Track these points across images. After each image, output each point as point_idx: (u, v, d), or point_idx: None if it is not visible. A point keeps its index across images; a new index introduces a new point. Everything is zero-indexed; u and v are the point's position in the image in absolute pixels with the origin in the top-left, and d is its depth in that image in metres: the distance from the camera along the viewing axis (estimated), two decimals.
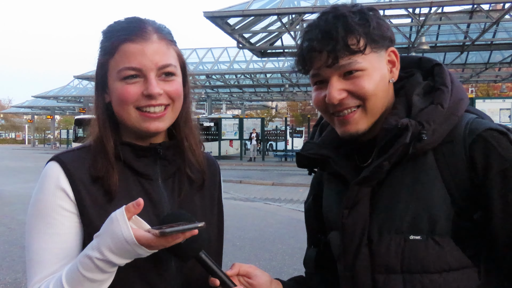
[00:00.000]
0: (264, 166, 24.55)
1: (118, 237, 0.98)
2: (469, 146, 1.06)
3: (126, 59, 1.12)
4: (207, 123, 29.70)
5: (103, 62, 1.17)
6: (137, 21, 1.17)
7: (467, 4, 14.39)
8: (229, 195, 13.53)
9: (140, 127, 1.15)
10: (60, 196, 1.11)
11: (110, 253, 0.99)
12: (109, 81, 1.17)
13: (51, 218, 1.10)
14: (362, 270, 1.12)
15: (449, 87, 1.13)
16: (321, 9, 6.17)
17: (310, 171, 1.35)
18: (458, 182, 1.06)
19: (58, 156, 1.16)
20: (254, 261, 6.34)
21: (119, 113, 1.17)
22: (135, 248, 0.98)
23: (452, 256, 1.05)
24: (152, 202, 1.18)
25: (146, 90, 1.12)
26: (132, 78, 1.12)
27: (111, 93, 1.17)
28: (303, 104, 62.32)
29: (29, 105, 53.32)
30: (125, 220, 0.98)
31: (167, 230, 0.96)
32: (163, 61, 1.14)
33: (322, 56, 1.09)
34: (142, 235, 0.98)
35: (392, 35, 1.15)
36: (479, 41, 18.74)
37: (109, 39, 1.16)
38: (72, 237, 1.11)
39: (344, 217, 1.15)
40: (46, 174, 1.14)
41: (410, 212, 1.07)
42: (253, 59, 28.76)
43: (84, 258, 1.01)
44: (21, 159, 31.20)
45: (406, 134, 1.05)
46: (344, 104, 1.11)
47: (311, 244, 1.42)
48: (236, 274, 1.18)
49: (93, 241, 1.03)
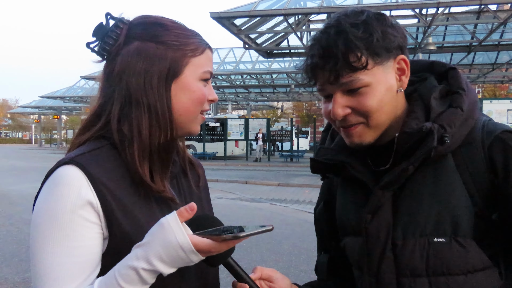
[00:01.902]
0: (270, 167, 24.56)
1: (171, 245, 0.92)
2: (488, 147, 1.07)
3: (209, 63, 1.18)
4: (213, 123, 29.74)
5: (182, 55, 1.13)
6: (196, 32, 1.23)
7: (474, 4, 14.32)
8: (235, 195, 13.54)
9: (192, 128, 1.18)
10: (82, 206, 1.00)
11: (160, 262, 0.93)
12: (187, 76, 1.14)
13: (71, 230, 0.99)
14: (387, 275, 1.12)
15: (466, 90, 1.13)
16: (327, 9, 6.18)
17: (323, 176, 1.35)
18: (478, 184, 1.07)
19: (75, 159, 1.03)
20: (261, 262, 6.35)
21: (188, 111, 1.15)
22: (191, 255, 0.93)
23: (475, 257, 1.06)
24: (166, 204, 1.15)
25: (211, 96, 1.18)
26: (206, 81, 1.18)
27: (182, 89, 1.13)
28: (309, 104, 62.26)
29: (36, 105, 53.57)
30: (179, 226, 0.93)
31: (240, 235, 0.93)
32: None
33: (324, 73, 1.09)
34: (200, 240, 0.94)
35: (403, 41, 1.12)
36: (486, 42, 18.64)
37: (191, 38, 1.16)
38: (93, 250, 1.02)
39: (367, 222, 1.15)
40: (63, 180, 1.01)
41: (433, 214, 1.08)
42: (259, 60, 28.73)
43: (127, 269, 0.93)
44: (28, 159, 31.36)
45: (432, 138, 1.05)
46: (347, 121, 1.12)
47: (322, 250, 1.42)
48: (259, 278, 1.19)
49: (134, 250, 0.95)
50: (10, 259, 6.49)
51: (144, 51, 1.11)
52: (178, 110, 1.13)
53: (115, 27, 1.14)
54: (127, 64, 1.10)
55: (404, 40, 1.13)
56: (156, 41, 1.12)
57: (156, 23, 1.15)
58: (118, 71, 1.11)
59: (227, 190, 14.48)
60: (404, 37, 1.14)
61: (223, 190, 14.28)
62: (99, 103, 1.15)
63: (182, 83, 1.13)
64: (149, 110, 1.10)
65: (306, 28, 17.47)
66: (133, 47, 1.11)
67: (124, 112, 1.10)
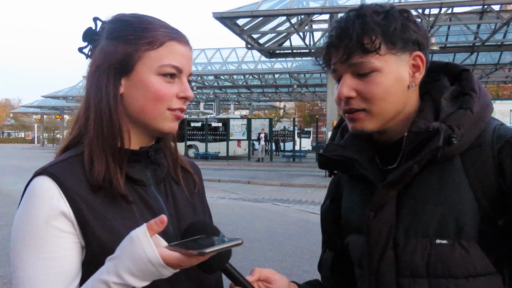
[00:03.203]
0: (272, 167, 24.56)
1: (140, 259, 0.89)
2: (497, 151, 1.06)
3: (172, 56, 1.08)
4: (215, 123, 29.78)
5: (135, 49, 1.07)
6: (169, 25, 1.15)
7: (477, 4, 14.32)
8: (238, 195, 13.55)
9: (160, 127, 1.10)
10: (55, 217, 0.98)
11: (130, 276, 0.90)
12: (140, 72, 1.07)
13: (45, 240, 0.97)
14: (387, 274, 1.11)
15: (477, 92, 1.12)
16: (330, 9, 6.21)
17: (330, 173, 1.35)
18: (485, 187, 1.06)
19: (46, 169, 1.02)
20: (264, 263, 6.35)
21: (142, 108, 1.08)
22: (160, 269, 0.91)
23: (478, 261, 1.04)
24: (151, 210, 1.11)
25: (183, 93, 1.10)
26: (170, 76, 1.09)
27: (136, 85, 1.08)
28: (311, 104, 62.28)
29: (39, 105, 53.76)
30: (148, 240, 0.90)
31: (206, 251, 0.90)
32: (191, 69, 1.15)
33: (338, 52, 1.10)
34: (169, 254, 0.91)
35: (423, 39, 1.12)
36: (489, 42, 18.63)
37: (149, 31, 1.09)
38: (70, 260, 1.00)
39: (369, 219, 1.14)
40: (35, 192, 1.00)
41: (436, 216, 1.07)
42: (262, 60, 28.80)
43: (98, 283, 0.91)
44: (30, 158, 31.41)
45: (438, 138, 1.04)
46: (350, 104, 1.12)
47: (327, 248, 1.42)
48: (257, 280, 1.18)
49: (107, 264, 0.93)
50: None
51: (101, 50, 1.09)
52: (133, 108, 1.09)
53: (100, 30, 1.14)
54: (89, 65, 1.11)
55: (425, 39, 1.13)
56: (111, 38, 1.09)
57: (117, 20, 1.13)
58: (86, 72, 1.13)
59: (230, 190, 14.47)
60: (426, 36, 1.13)
61: (225, 190, 14.27)
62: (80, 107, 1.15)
63: (135, 79, 1.08)
64: (96, 110, 1.07)
65: (308, 28, 17.49)
66: (98, 48, 1.11)
67: (86, 115, 1.10)
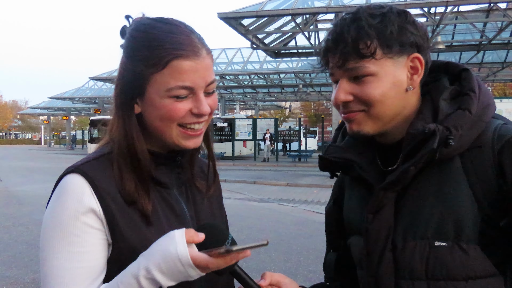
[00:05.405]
0: (278, 167, 24.55)
1: (170, 255, 0.93)
2: (497, 152, 1.04)
3: (179, 77, 1.03)
4: (221, 123, 29.82)
5: (143, 73, 1.05)
6: (184, 32, 1.07)
7: (483, 2, 14.24)
8: (244, 195, 13.56)
9: (179, 143, 1.10)
10: (85, 213, 1.02)
11: (159, 272, 0.94)
12: (150, 94, 1.06)
13: (74, 236, 1.01)
14: (386, 276, 1.11)
15: (476, 92, 1.11)
16: (335, 9, 6.20)
17: (332, 174, 1.34)
18: (486, 188, 1.04)
19: (79, 167, 1.06)
20: (269, 263, 6.35)
21: (158, 128, 1.09)
22: (188, 269, 0.94)
23: (478, 263, 1.03)
24: (174, 212, 1.14)
25: (197, 109, 1.07)
26: (182, 97, 1.06)
27: (149, 106, 1.08)
28: (317, 104, 62.23)
29: (45, 106, 54.13)
30: (182, 239, 0.94)
31: (233, 248, 0.93)
32: (211, 78, 1.09)
33: (335, 57, 1.10)
34: (198, 255, 0.94)
35: (422, 40, 1.10)
36: (496, 40, 18.52)
37: (153, 50, 1.04)
38: (97, 255, 1.04)
39: (368, 221, 1.14)
40: (67, 188, 1.04)
41: (435, 218, 1.06)
42: (267, 60, 28.79)
43: (128, 277, 0.96)
44: (37, 159, 31.56)
45: (433, 140, 1.03)
46: (349, 107, 1.12)
47: (331, 249, 1.42)
48: (268, 284, 1.18)
49: (139, 258, 0.98)
50: (20, 259, 6.53)
51: (120, 64, 1.12)
52: (150, 125, 1.11)
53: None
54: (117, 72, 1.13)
55: (424, 40, 1.11)
56: (124, 55, 1.10)
57: (130, 34, 1.10)
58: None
59: (235, 190, 14.50)
60: (425, 37, 1.12)
61: (231, 190, 14.29)
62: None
63: (148, 101, 1.08)
64: (126, 132, 1.10)
65: (313, 28, 17.46)
66: (120, 61, 1.12)
67: (111, 127, 1.14)
